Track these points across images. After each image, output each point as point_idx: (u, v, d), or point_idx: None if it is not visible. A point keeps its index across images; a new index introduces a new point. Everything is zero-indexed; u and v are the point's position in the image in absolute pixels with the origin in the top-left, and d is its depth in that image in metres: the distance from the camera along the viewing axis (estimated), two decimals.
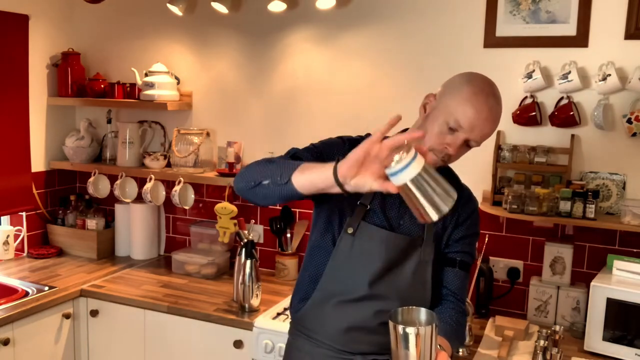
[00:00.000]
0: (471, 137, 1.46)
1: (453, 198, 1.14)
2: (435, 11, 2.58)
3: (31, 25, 3.02)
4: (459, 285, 1.63)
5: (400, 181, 1.11)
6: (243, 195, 1.45)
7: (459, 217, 1.62)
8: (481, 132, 1.46)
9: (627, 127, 2.27)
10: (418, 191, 1.11)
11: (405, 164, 1.09)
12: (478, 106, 1.44)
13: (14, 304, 2.42)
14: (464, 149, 1.50)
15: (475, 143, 1.48)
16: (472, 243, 1.67)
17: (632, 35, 2.28)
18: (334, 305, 1.59)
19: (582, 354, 2.14)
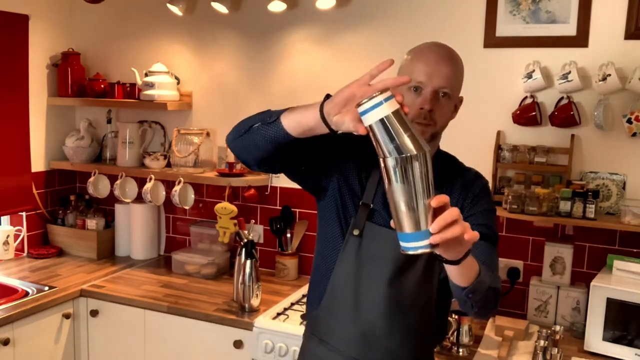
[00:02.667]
0: (435, 84, 1.43)
1: (425, 151, 1.04)
2: (435, 11, 2.58)
3: (31, 25, 3.02)
4: (485, 254, 1.43)
5: (368, 120, 1.04)
6: (233, 148, 1.43)
7: (467, 197, 1.55)
8: (442, 76, 1.43)
9: (627, 127, 2.27)
10: (384, 134, 1.03)
11: (375, 103, 1.03)
12: (425, 55, 1.45)
13: (14, 304, 2.42)
14: (441, 103, 1.45)
15: (445, 90, 1.44)
16: (490, 217, 1.56)
17: (632, 35, 2.28)
18: (346, 311, 1.54)
19: (582, 354, 2.14)
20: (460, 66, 1.49)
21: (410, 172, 1.01)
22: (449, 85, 1.44)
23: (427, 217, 1.03)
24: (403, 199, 1.02)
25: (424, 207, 1.02)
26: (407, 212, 1.03)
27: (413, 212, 1.02)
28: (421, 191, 1.02)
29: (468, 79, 2.57)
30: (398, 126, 1.02)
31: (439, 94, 1.44)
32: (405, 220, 1.03)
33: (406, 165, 1.01)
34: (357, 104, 1.06)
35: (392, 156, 1.02)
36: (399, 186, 1.02)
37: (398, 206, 1.03)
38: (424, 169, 1.02)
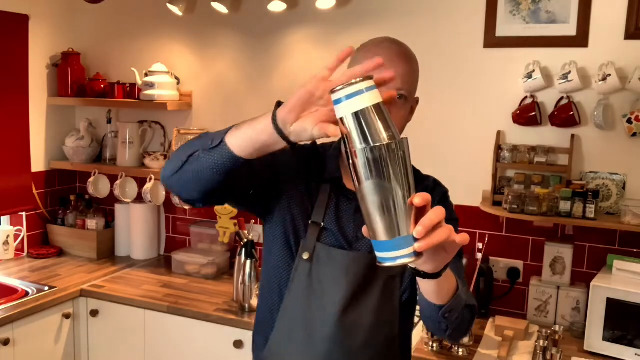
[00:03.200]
0: (390, 86, 1.21)
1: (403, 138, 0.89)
2: (435, 11, 2.58)
3: (31, 25, 3.02)
4: (454, 268, 1.23)
5: (343, 111, 0.87)
6: (172, 186, 1.19)
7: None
8: (397, 76, 1.22)
9: (627, 127, 2.27)
10: (359, 127, 0.86)
11: (355, 90, 0.86)
12: (377, 53, 1.21)
13: (14, 304, 2.42)
14: (397, 107, 1.26)
15: (402, 92, 1.26)
16: (453, 227, 1.44)
17: (632, 35, 2.28)
18: (299, 346, 1.33)
19: (582, 354, 2.14)
20: (416, 64, 1.32)
21: (388, 164, 0.84)
22: (405, 85, 1.27)
23: (407, 220, 0.86)
24: (378, 198, 0.85)
25: (404, 207, 0.86)
26: (384, 214, 0.86)
27: (391, 214, 0.85)
28: (400, 188, 0.85)
29: (468, 79, 2.59)
30: (378, 121, 0.86)
31: (394, 97, 1.24)
32: (382, 225, 0.86)
33: (382, 156, 0.84)
34: (332, 90, 0.89)
35: (366, 146, 0.84)
36: (373, 183, 0.85)
37: (372, 208, 0.86)
38: (403, 161, 0.86)
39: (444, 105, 2.60)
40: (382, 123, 0.86)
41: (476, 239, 2.57)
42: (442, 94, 2.59)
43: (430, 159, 2.64)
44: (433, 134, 2.61)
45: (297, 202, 1.35)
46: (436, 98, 2.59)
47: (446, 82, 2.58)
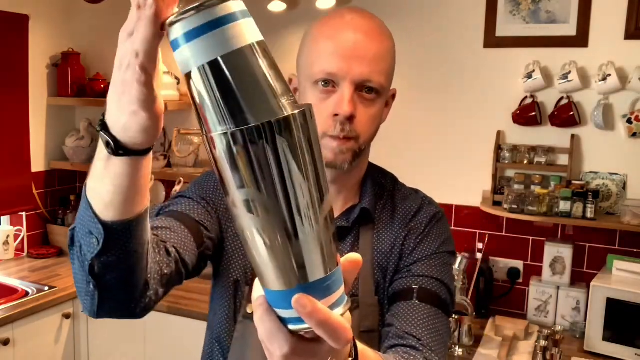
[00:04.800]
0: (357, 76, 0.94)
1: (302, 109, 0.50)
2: (436, 11, 2.58)
3: (31, 25, 3.02)
4: (422, 323, 0.94)
5: (188, 61, 0.49)
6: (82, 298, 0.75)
7: (410, 236, 1.04)
8: (366, 61, 0.95)
9: (627, 127, 2.27)
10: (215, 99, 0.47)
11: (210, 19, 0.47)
12: (339, 30, 0.97)
13: (14, 304, 2.41)
14: (366, 104, 0.97)
15: (372, 84, 0.96)
16: (439, 265, 1.02)
17: (632, 35, 2.28)
18: None
19: (582, 354, 2.14)
20: (390, 44, 1.01)
21: (276, 159, 0.47)
22: (376, 75, 0.96)
23: (315, 255, 0.50)
24: (259, 221, 0.49)
25: (311, 233, 0.49)
26: (269, 248, 0.49)
27: (281, 249, 0.49)
28: (300, 200, 0.48)
29: (468, 79, 2.60)
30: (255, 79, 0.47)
31: (362, 90, 0.96)
32: (268, 266, 0.50)
33: (265, 145, 0.46)
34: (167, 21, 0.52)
35: (229, 129, 0.47)
36: (246, 194, 0.48)
37: (249, 238, 0.50)
38: (303, 151, 0.48)
39: (443, 105, 2.59)
40: (262, 82, 0.47)
41: (476, 239, 2.57)
42: (442, 94, 2.59)
43: (430, 159, 2.65)
44: (433, 134, 2.61)
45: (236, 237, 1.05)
46: (436, 98, 2.59)
47: (446, 82, 2.58)
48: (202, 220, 1.00)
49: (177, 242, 0.90)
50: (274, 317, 0.53)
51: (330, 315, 0.50)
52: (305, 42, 1.03)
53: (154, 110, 0.57)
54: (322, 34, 0.99)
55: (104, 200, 0.65)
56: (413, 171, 2.52)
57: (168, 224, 0.93)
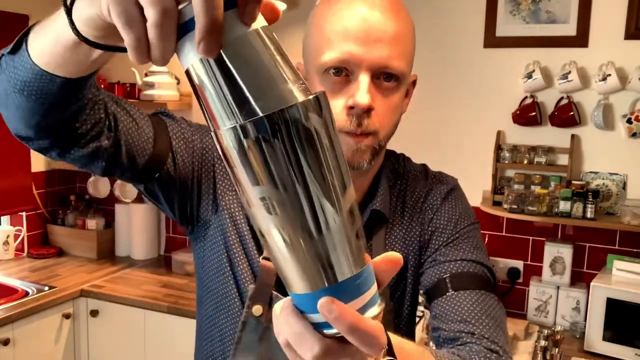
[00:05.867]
0: (375, 62, 0.82)
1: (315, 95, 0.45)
2: (435, 11, 2.58)
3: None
4: (468, 314, 0.85)
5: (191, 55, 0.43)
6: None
7: (424, 224, 0.97)
8: (384, 44, 0.82)
9: (627, 127, 2.27)
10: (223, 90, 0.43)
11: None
12: (348, 9, 0.84)
13: (14, 304, 2.41)
14: (386, 94, 0.85)
15: (392, 70, 0.84)
16: (463, 242, 0.94)
17: (632, 35, 2.28)
18: None
19: (582, 354, 2.14)
20: (411, 22, 0.91)
21: (292, 152, 0.43)
22: (396, 61, 0.84)
23: (341, 252, 0.46)
24: (278, 220, 0.45)
25: (336, 227, 0.45)
26: (292, 249, 0.46)
27: (304, 249, 0.45)
28: (320, 195, 0.44)
29: (468, 79, 2.60)
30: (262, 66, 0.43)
31: (380, 78, 0.85)
32: (292, 268, 0.47)
33: (278, 136, 0.42)
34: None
35: (238, 122, 0.43)
36: (263, 193, 0.44)
37: (270, 238, 0.46)
38: (322, 140, 0.44)
39: (444, 105, 2.60)
40: (270, 69, 0.43)
41: None
42: (442, 94, 2.59)
43: (429, 159, 2.64)
44: (433, 134, 2.61)
45: (242, 219, 0.93)
46: (436, 98, 2.59)
47: (446, 82, 2.58)
48: (176, 152, 0.88)
49: (130, 137, 0.82)
50: (302, 318, 0.48)
51: (361, 320, 0.46)
52: (312, 24, 0.89)
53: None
54: (330, 14, 0.85)
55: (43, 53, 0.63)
56: None
57: (140, 120, 0.85)
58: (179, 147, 0.88)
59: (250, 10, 0.42)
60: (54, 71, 0.63)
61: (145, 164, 0.84)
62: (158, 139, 0.85)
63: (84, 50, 0.57)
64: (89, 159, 0.77)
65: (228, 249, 0.93)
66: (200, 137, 0.93)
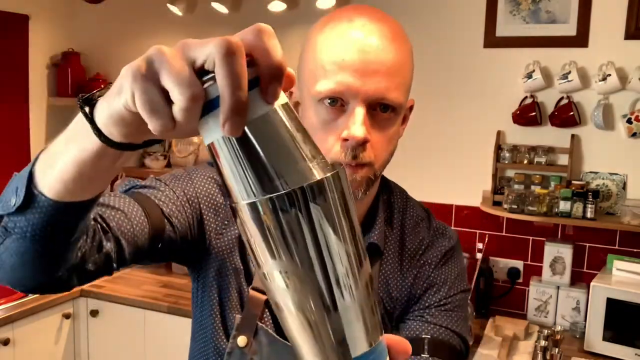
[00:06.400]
0: (371, 93, 0.79)
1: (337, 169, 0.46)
2: (435, 11, 2.58)
3: (31, 25, 3.02)
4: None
5: (212, 131, 0.44)
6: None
7: (420, 274, 0.95)
8: (381, 75, 0.79)
9: (627, 127, 2.27)
10: (243, 167, 0.44)
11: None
12: (345, 38, 0.81)
13: (14, 304, 2.41)
14: (382, 125, 0.83)
15: (389, 101, 0.81)
16: (452, 310, 0.93)
17: (632, 35, 2.28)
18: None
19: (582, 354, 2.14)
20: (409, 49, 0.86)
21: (312, 228, 0.43)
22: (394, 92, 0.81)
23: (358, 327, 0.46)
24: (298, 297, 0.45)
25: (352, 305, 0.46)
26: (306, 324, 0.46)
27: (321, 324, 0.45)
28: (343, 272, 0.45)
29: (468, 79, 2.59)
30: (284, 142, 0.44)
31: (376, 109, 0.82)
32: (308, 344, 0.47)
33: (299, 213, 0.43)
34: (202, 77, 0.43)
35: (258, 198, 0.43)
36: (282, 267, 0.45)
37: (288, 316, 0.47)
38: (339, 213, 0.45)
39: (443, 105, 2.59)
40: (290, 147, 0.44)
41: (476, 239, 2.57)
42: (442, 94, 2.59)
43: (430, 159, 2.64)
44: (433, 134, 2.61)
45: (230, 252, 0.93)
46: (436, 98, 2.59)
47: (446, 82, 2.58)
48: (171, 216, 0.86)
49: (125, 229, 0.78)
50: None
51: None
52: (307, 50, 0.86)
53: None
54: (327, 41, 0.82)
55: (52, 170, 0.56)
56: (413, 171, 2.53)
57: (125, 206, 0.80)
58: (170, 210, 0.86)
59: (273, 90, 0.43)
60: (79, 198, 0.57)
61: (149, 243, 0.82)
62: (150, 214, 0.82)
63: (111, 157, 0.53)
64: (101, 271, 0.74)
65: (219, 282, 0.93)
66: (181, 189, 0.91)
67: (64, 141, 0.55)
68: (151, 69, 0.44)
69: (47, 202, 0.57)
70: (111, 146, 0.50)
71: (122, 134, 0.49)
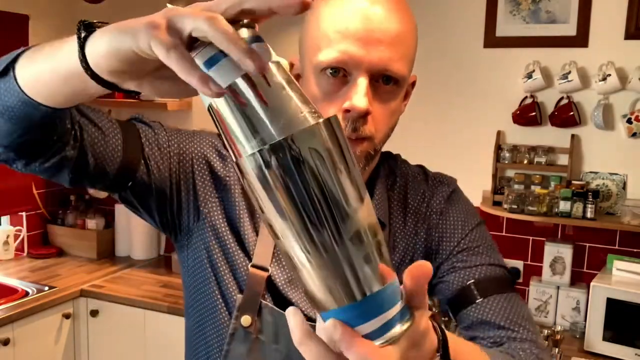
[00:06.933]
0: (374, 63, 0.77)
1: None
2: (435, 11, 2.58)
3: (31, 25, 3.02)
4: (504, 319, 0.86)
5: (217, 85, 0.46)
6: None
7: (430, 229, 0.94)
8: (384, 45, 0.78)
9: (627, 127, 2.27)
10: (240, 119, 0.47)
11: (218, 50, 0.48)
12: (348, 6, 0.79)
13: (14, 304, 2.41)
14: (384, 98, 0.81)
15: (391, 72, 0.79)
16: (475, 245, 0.96)
17: (632, 35, 2.28)
18: None
19: (582, 354, 2.14)
20: (413, 21, 0.83)
21: (315, 173, 0.45)
22: (399, 61, 0.79)
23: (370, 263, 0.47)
24: (306, 240, 0.46)
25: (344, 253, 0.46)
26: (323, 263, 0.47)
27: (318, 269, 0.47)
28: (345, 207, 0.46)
29: (468, 79, 2.59)
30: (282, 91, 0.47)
31: (379, 80, 0.80)
32: (313, 286, 0.48)
33: (299, 159, 0.45)
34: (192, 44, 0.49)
35: (261, 149, 0.45)
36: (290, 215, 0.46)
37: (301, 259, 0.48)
38: (342, 156, 0.47)
39: (443, 105, 2.59)
40: (284, 98, 0.47)
41: None
42: (442, 94, 2.59)
43: (430, 159, 2.64)
44: (433, 134, 2.61)
45: (225, 226, 0.89)
46: (436, 98, 2.59)
47: (446, 82, 2.58)
48: (149, 157, 0.84)
49: (97, 147, 0.78)
50: (317, 339, 0.49)
51: (369, 350, 0.47)
52: (310, 21, 0.83)
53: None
54: (329, 11, 0.80)
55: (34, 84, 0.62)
56: None
57: (107, 128, 0.79)
58: (153, 153, 0.84)
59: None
60: (42, 101, 0.63)
61: (116, 173, 0.80)
62: (128, 146, 0.81)
63: (82, 83, 0.57)
64: (55, 170, 0.75)
65: (211, 258, 0.89)
66: (177, 142, 0.89)
67: (50, 49, 0.62)
68: (168, 18, 0.53)
69: (14, 87, 0.63)
70: (88, 74, 0.54)
71: (109, 69, 0.53)
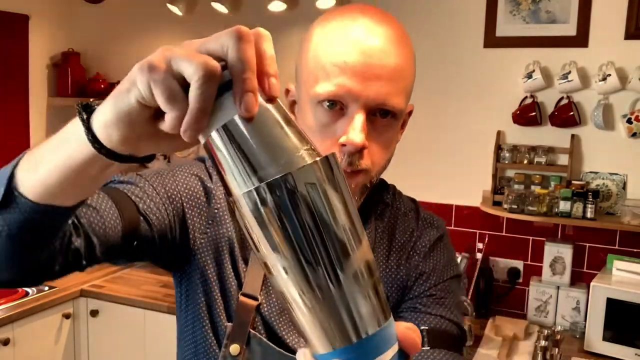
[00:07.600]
0: (370, 96, 0.76)
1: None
2: (435, 11, 2.58)
3: (31, 25, 3.02)
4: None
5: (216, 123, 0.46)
6: None
7: (410, 268, 0.93)
8: (383, 80, 0.76)
9: (627, 127, 2.27)
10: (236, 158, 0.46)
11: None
12: (347, 39, 0.77)
13: (14, 304, 2.41)
14: (381, 129, 0.80)
15: (389, 107, 0.78)
16: (445, 297, 0.91)
17: (632, 35, 2.28)
18: None
19: (582, 354, 2.14)
20: (412, 53, 0.82)
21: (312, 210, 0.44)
22: (396, 95, 0.78)
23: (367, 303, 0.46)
24: (301, 282, 0.45)
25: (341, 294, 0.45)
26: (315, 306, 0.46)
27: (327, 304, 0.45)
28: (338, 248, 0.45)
29: (468, 79, 2.60)
30: (275, 130, 0.46)
31: (376, 114, 0.79)
32: (320, 327, 0.46)
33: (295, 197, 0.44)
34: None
35: (254, 187, 0.44)
36: (284, 255, 0.45)
37: (296, 302, 0.46)
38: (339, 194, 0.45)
39: (443, 105, 2.60)
40: (280, 136, 0.46)
41: (476, 239, 2.57)
42: (442, 94, 2.59)
43: (430, 159, 2.65)
44: (433, 134, 2.61)
45: (217, 259, 0.89)
46: (436, 98, 2.59)
47: (446, 82, 2.58)
48: (147, 212, 0.82)
49: (97, 226, 0.75)
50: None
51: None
52: (307, 50, 0.82)
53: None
54: (327, 41, 0.79)
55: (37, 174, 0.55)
56: (413, 171, 2.53)
57: (97, 202, 0.76)
58: (147, 207, 0.83)
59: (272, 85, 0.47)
60: (60, 202, 0.57)
61: (123, 241, 0.79)
62: (124, 212, 0.79)
63: (99, 166, 0.53)
64: (70, 267, 0.71)
65: (205, 288, 0.89)
66: (162, 186, 0.87)
67: (52, 146, 0.55)
68: (165, 59, 0.47)
69: (27, 204, 0.56)
70: (103, 153, 0.51)
71: (123, 137, 0.49)
